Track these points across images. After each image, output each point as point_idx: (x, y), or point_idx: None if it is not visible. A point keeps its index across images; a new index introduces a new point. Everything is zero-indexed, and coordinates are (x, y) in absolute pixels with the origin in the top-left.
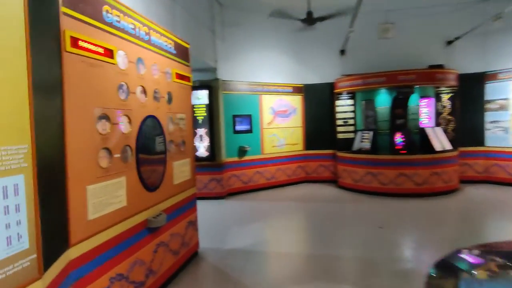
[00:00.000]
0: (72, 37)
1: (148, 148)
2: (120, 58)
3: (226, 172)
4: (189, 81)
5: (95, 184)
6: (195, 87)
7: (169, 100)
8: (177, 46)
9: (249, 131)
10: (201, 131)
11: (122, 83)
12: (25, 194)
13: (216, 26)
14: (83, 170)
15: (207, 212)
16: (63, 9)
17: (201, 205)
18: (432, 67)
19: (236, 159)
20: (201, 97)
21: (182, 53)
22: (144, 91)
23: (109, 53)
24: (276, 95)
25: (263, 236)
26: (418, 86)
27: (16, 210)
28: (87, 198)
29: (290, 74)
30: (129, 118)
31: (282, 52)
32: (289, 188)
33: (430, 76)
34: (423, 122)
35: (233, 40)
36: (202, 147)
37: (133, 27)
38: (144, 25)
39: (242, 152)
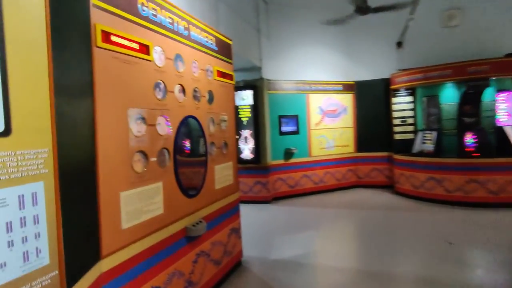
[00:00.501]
0: (103, 32)
1: (187, 151)
2: (157, 55)
3: (271, 175)
4: (231, 79)
5: (129, 190)
6: (240, 87)
7: (210, 99)
8: (219, 42)
9: (296, 132)
10: (246, 133)
11: (159, 81)
12: (45, 203)
13: (261, 24)
14: (116, 175)
15: (252, 217)
16: (93, 1)
17: (245, 209)
18: (510, 55)
19: (282, 161)
20: (246, 97)
21: (224, 50)
22: (183, 90)
23: (145, 49)
24: (324, 93)
25: (312, 246)
26: (494, 78)
27: (34, 221)
28: (120, 206)
29: (340, 71)
30: (166, 119)
31: (331, 48)
32: (339, 193)
33: (510, 66)
34: (500, 120)
35: (278, 37)
36: (247, 149)
37: (171, 21)
38: (183, 19)
39: (288, 154)
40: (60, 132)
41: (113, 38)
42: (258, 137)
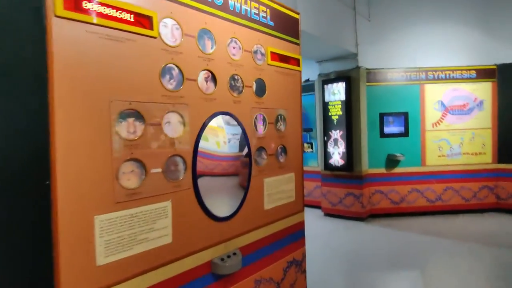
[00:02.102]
0: None
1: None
2: (167, 30)
3: (368, 186)
4: (297, 64)
5: (111, 213)
6: (330, 80)
7: (260, 90)
8: (277, 14)
9: (404, 134)
10: (336, 134)
11: (171, 65)
12: None
13: (358, 1)
14: (88, 193)
15: (338, 236)
16: None
17: (332, 224)
18: None
19: (383, 170)
20: (337, 91)
21: (285, 26)
22: (213, 78)
23: (146, 21)
24: (447, 83)
25: None
26: None
27: None
28: (95, 234)
29: (471, 52)
30: (181, 116)
31: (458, 23)
32: (466, 218)
33: None
34: None
35: (382, 17)
36: (336, 154)
37: None
38: None
39: (392, 162)
40: None
41: (87, 5)
42: (351, 139)
